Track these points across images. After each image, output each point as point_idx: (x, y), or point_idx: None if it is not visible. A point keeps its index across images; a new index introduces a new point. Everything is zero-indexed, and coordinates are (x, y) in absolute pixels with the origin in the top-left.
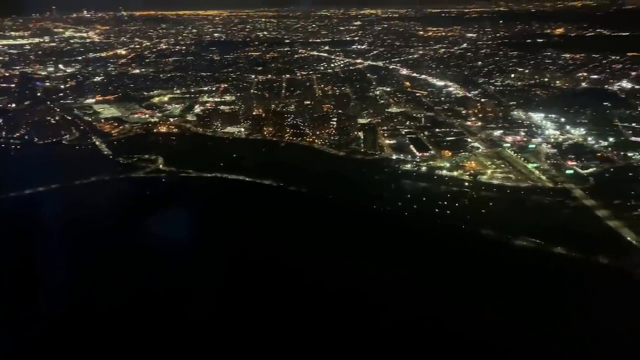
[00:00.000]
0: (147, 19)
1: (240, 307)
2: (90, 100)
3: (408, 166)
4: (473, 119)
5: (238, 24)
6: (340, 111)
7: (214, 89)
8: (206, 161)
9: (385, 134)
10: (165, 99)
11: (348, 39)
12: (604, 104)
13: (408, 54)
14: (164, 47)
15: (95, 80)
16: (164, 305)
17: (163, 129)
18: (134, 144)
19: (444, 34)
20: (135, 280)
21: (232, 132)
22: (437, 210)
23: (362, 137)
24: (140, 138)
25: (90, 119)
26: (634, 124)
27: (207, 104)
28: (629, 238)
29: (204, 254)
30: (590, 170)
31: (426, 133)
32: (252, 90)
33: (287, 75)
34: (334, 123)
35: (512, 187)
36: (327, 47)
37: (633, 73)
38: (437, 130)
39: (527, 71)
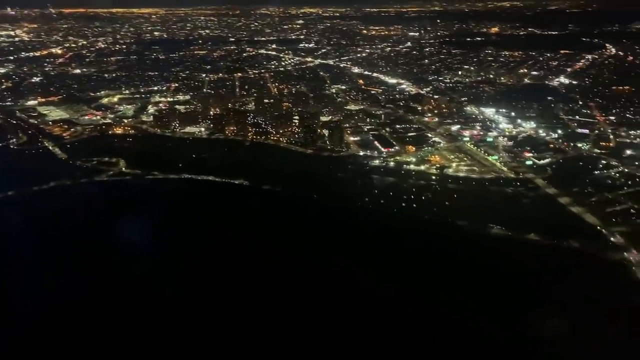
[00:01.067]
0: (79, 17)
1: (220, 308)
2: (32, 102)
3: (376, 162)
4: (430, 115)
5: (177, 22)
6: (300, 109)
7: (164, 88)
8: (171, 162)
9: (349, 131)
10: (115, 99)
11: (294, 37)
12: (548, 98)
13: (356, 52)
14: (102, 46)
15: (33, 80)
16: (139, 309)
17: (119, 131)
18: (90, 146)
19: (386, 33)
20: (115, 285)
21: (192, 132)
22: (413, 204)
23: (327, 135)
24: (95, 140)
25: (36, 122)
26: (577, 117)
27: (161, 104)
28: (591, 222)
29: (183, 256)
30: (546, 160)
31: (388, 129)
32: (205, 90)
33: (239, 74)
34: (296, 121)
35: (477, 179)
36: (274, 46)
37: (568, 69)
38: (398, 126)
39: (472, 68)
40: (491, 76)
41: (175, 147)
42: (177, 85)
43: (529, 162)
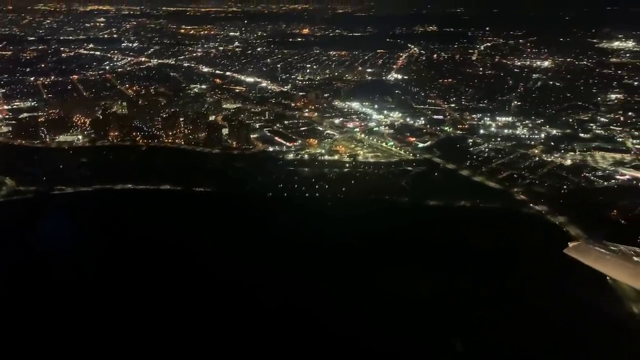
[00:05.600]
0: None
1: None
2: None
3: (290, 156)
4: (307, 110)
5: None
6: (177, 109)
7: None
8: (70, 174)
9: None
10: None
11: (107, 36)
12: (396, 92)
13: (190, 52)
14: None
15: None
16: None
17: None
18: None
19: (207, 32)
20: None
21: (70, 141)
22: (349, 188)
23: (227, 133)
24: None
25: None
26: (427, 106)
27: (1, 113)
28: (494, 187)
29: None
30: (428, 143)
31: (278, 125)
32: (46, 95)
33: (74, 76)
34: (183, 122)
35: (386, 162)
36: (92, 45)
37: (394, 66)
38: (286, 122)
39: (314, 67)
40: (336, 74)
41: (66, 157)
42: (4, 91)
43: (421, 145)
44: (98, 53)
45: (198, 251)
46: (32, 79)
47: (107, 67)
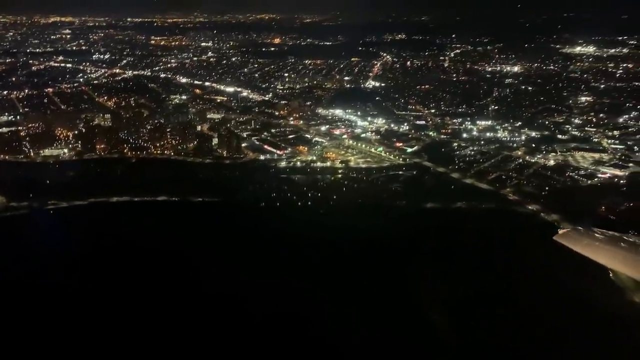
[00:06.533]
0: None
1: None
2: None
3: (283, 164)
4: (291, 118)
5: None
6: (162, 121)
7: None
8: (62, 188)
9: None
10: None
11: (75, 48)
12: (377, 98)
13: (164, 62)
14: None
15: None
16: None
17: None
18: None
19: (178, 43)
20: None
21: (55, 155)
22: (345, 194)
23: (216, 143)
24: None
25: None
26: (408, 112)
27: None
28: (486, 188)
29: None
30: (416, 148)
31: (266, 134)
32: (22, 109)
33: (49, 89)
34: (170, 132)
35: (378, 167)
36: (61, 57)
37: (370, 74)
38: (273, 130)
39: (293, 75)
40: (315, 82)
41: (56, 172)
42: None
43: (409, 150)
44: (70, 65)
45: (203, 262)
46: (4, 92)
47: (81, 80)
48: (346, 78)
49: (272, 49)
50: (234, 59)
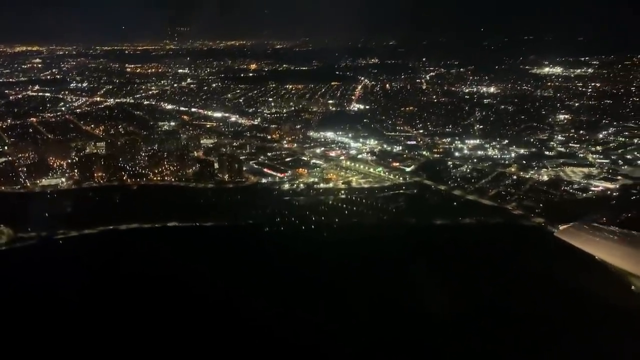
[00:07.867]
0: None
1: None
2: None
3: (286, 186)
4: (285, 141)
5: None
6: (155, 147)
7: None
8: (69, 217)
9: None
10: None
11: (50, 77)
12: (364, 120)
13: (145, 90)
14: None
15: None
16: None
17: None
18: None
19: (154, 70)
20: None
21: (54, 184)
22: (356, 214)
23: (216, 167)
24: None
25: None
26: (397, 133)
27: None
28: (489, 204)
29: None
30: (412, 167)
31: (262, 157)
32: (8, 139)
33: (33, 119)
34: (167, 159)
35: (380, 187)
36: (37, 87)
37: (353, 97)
38: (270, 154)
39: (278, 100)
40: (300, 106)
41: (58, 201)
42: None
43: (408, 169)
44: (48, 94)
45: (222, 288)
46: None
47: (63, 109)
48: (330, 101)
49: (251, 74)
50: (214, 85)
